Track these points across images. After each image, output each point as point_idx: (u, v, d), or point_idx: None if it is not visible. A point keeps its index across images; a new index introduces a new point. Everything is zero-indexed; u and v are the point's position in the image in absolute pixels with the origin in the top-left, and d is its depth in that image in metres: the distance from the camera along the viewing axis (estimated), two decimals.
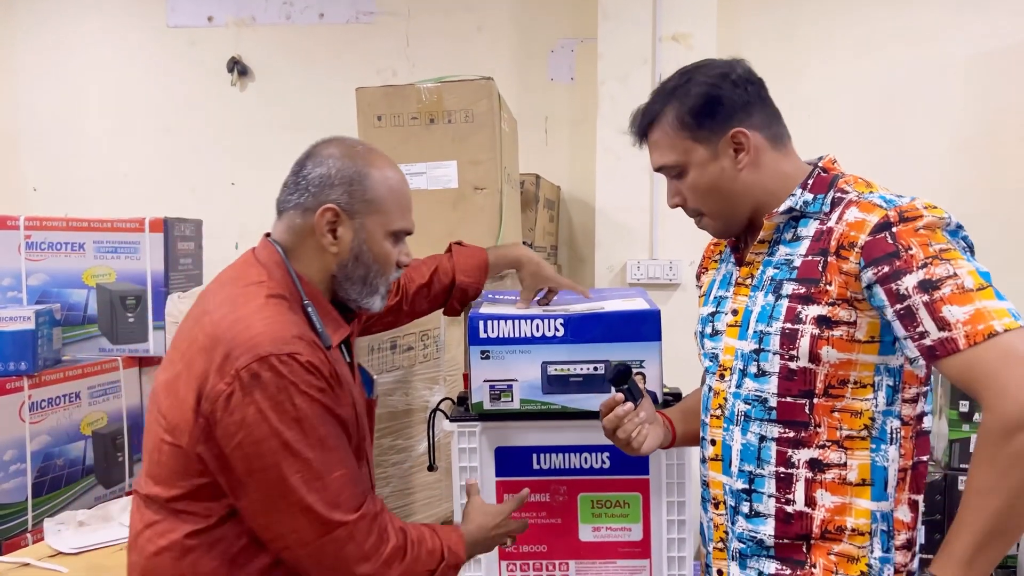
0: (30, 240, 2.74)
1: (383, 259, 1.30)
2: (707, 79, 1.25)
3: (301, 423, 1.15)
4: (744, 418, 1.27)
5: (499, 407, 1.52)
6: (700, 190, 1.28)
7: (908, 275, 1.12)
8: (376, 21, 3.42)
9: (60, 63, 3.66)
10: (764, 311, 1.25)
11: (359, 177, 1.27)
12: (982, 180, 2.89)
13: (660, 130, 1.28)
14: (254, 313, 1.18)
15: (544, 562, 1.58)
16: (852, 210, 1.20)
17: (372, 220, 1.27)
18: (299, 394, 1.14)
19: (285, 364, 1.13)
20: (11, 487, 2.37)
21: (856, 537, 1.21)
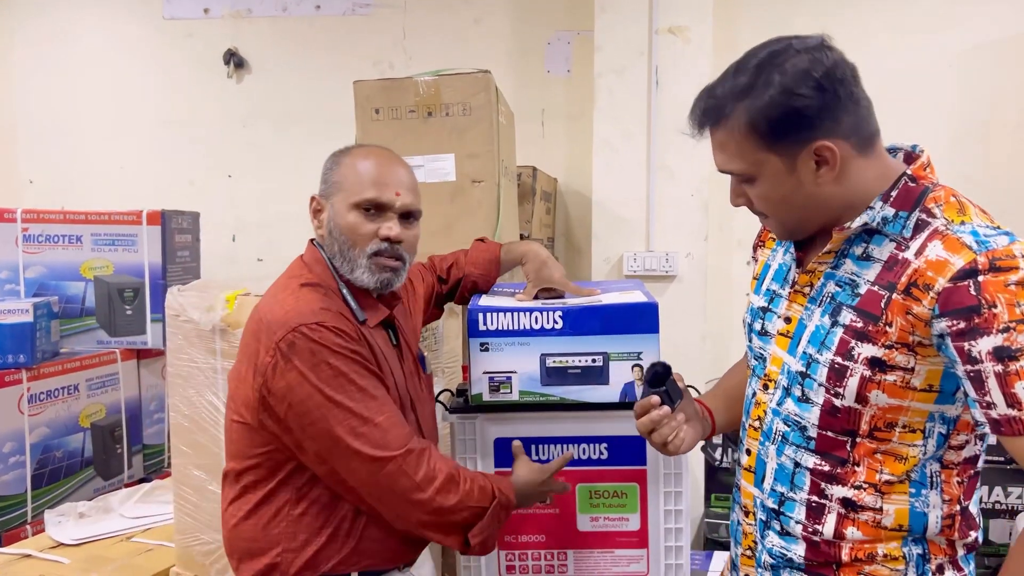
0: (27, 233, 2.74)
1: (348, 230, 1.38)
2: (786, 83, 1.05)
3: (338, 378, 1.28)
4: (781, 439, 1.20)
5: (498, 399, 1.52)
6: (771, 201, 1.14)
7: (985, 337, 1.00)
8: (373, 13, 3.41)
9: (56, 55, 3.65)
10: (817, 333, 1.14)
11: (332, 165, 1.44)
12: (976, 172, 2.91)
13: (727, 133, 1.10)
14: (287, 298, 1.35)
15: (543, 552, 1.59)
16: (935, 245, 1.05)
17: (338, 198, 1.40)
18: (332, 354, 1.29)
19: (314, 331, 1.28)
20: (10, 479, 2.39)
21: (889, 561, 1.14)
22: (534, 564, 1.60)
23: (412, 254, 1.46)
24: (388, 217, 1.39)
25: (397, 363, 1.44)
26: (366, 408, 1.30)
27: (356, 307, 1.38)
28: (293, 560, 1.34)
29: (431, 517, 1.33)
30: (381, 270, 1.39)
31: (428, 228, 1.99)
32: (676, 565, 1.59)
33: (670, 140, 2.93)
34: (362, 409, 1.29)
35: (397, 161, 1.46)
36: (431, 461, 1.33)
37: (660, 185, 2.95)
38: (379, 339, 1.41)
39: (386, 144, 1.99)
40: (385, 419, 1.31)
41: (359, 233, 1.38)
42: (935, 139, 2.94)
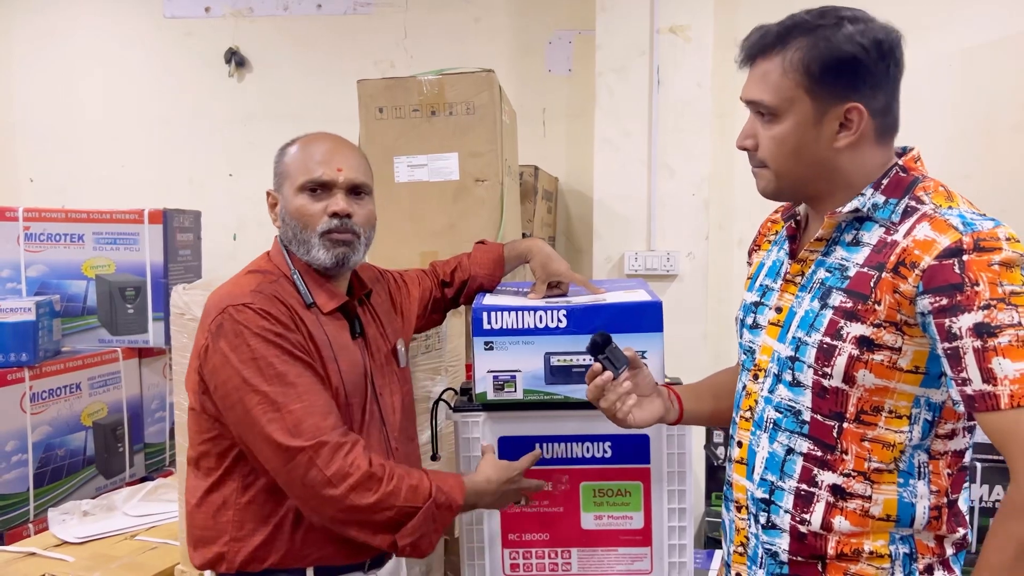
0: (29, 231, 2.74)
1: (296, 213, 1.40)
2: (859, 36, 1.08)
3: (256, 361, 1.28)
4: (773, 426, 1.20)
5: (503, 397, 1.53)
6: (783, 146, 1.14)
7: (966, 313, 1.01)
8: (374, 12, 3.41)
9: (56, 53, 3.65)
10: (807, 317, 1.16)
11: (279, 158, 1.46)
12: (975, 172, 2.91)
13: (776, 62, 1.12)
14: (228, 284, 1.40)
15: (547, 550, 1.60)
16: (923, 226, 1.07)
17: (285, 186, 1.42)
18: (252, 336, 1.29)
19: (240, 312, 1.30)
20: (12, 478, 2.39)
21: (875, 559, 1.14)
22: (538, 562, 1.61)
23: (368, 230, 1.45)
24: (334, 194, 1.40)
25: (356, 356, 1.43)
26: (282, 394, 1.27)
27: (305, 291, 1.39)
28: (239, 550, 1.33)
29: (346, 515, 1.29)
30: (335, 245, 1.39)
31: (432, 227, 2.00)
32: (680, 563, 1.59)
33: (671, 139, 2.94)
34: (277, 394, 1.27)
35: (342, 142, 1.47)
36: (349, 456, 1.27)
37: (661, 184, 2.96)
38: (331, 327, 1.40)
39: (390, 143, 2.01)
40: (302, 407, 1.28)
41: (307, 214, 1.39)
42: (934, 137, 2.95)
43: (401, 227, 2.00)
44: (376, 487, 1.27)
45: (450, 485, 1.36)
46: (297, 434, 1.26)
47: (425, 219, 1.98)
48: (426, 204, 1.99)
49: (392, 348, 1.54)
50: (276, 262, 1.44)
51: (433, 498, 1.32)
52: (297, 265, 1.42)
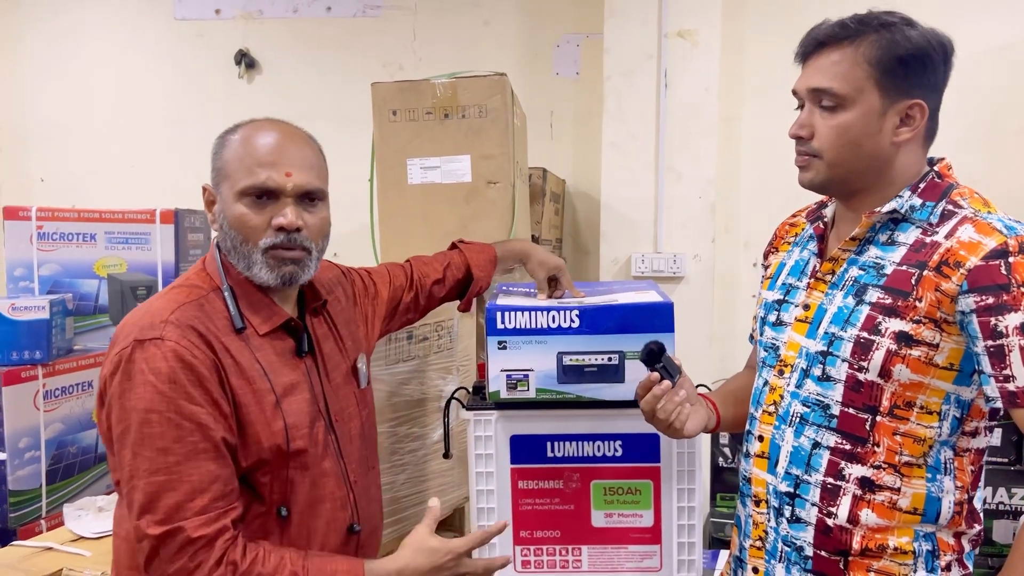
0: (42, 230, 2.77)
1: (237, 223, 1.20)
2: (931, 37, 1.15)
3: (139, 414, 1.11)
4: (800, 420, 1.22)
5: (515, 396, 1.55)
6: (844, 136, 1.16)
7: (1013, 313, 1.05)
8: (383, 15, 3.44)
9: (67, 54, 3.68)
10: (840, 313, 1.18)
11: (218, 147, 1.25)
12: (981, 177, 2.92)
13: (848, 53, 1.14)
14: (146, 305, 1.20)
15: (557, 547, 1.62)
16: (967, 228, 1.11)
17: (225, 187, 1.22)
18: (144, 384, 1.11)
19: (143, 350, 1.12)
20: (26, 474, 2.41)
21: (899, 555, 1.16)
22: (549, 559, 1.63)
23: (321, 240, 1.27)
24: (282, 203, 1.20)
25: (300, 376, 1.26)
26: (150, 460, 1.10)
27: (236, 313, 1.20)
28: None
29: None
30: (280, 264, 1.21)
31: (444, 228, 2.03)
32: (689, 561, 1.61)
33: (678, 142, 2.96)
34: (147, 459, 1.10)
35: (291, 136, 1.26)
36: (197, 557, 1.08)
37: (668, 187, 2.98)
38: (269, 351, 1.23)
39: (403, 145, 2.04)
40: (166, 480, 1.09)
41: (249, 226, 1.20)
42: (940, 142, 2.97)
43: (414, 228, 2.03)
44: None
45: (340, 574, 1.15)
46: (146, 511, 1.09)
47: (437, 220, 2.01)
48: (438, 206, 2.01)
49: (352, 366, 1.39)
50: (210, 271, 1.25)
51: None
52: (232, 278, 1.24)
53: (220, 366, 1.16)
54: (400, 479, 1.83)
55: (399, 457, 1.82)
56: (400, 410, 1.82)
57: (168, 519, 1.08)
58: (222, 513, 1.12)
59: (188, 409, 1.11)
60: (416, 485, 1.88)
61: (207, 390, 1.13)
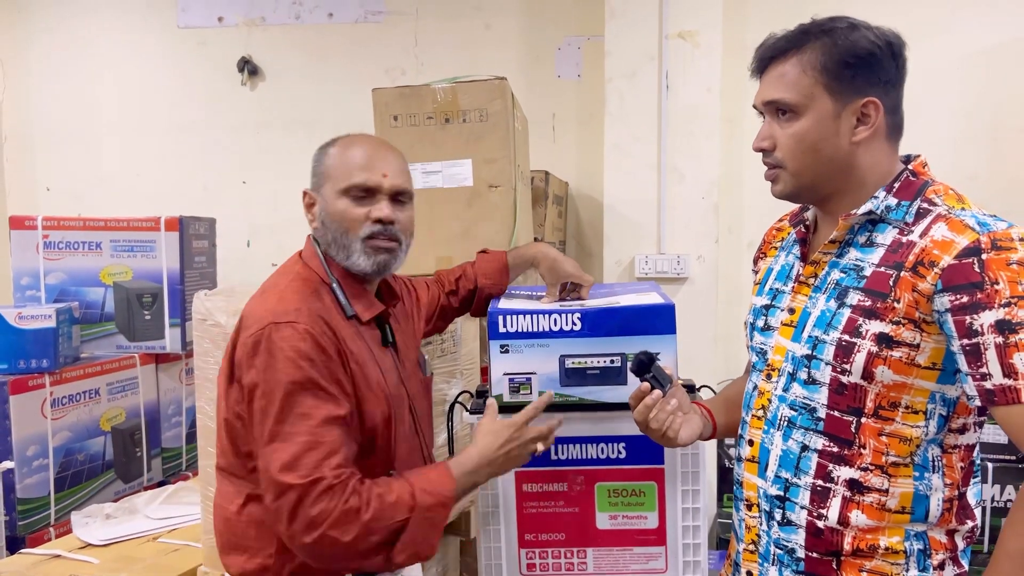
0: (48, 239, 2.78)
1: (339, 216, 1.38)
2: (873, 36, 1.15)
3: (280, 387, 1.25)
4: (788, 424, 1.23)
5: (518, 399, 1.55)
6: (803, 143, 1.18)
7: (987, 311, 1.05)
8: (385, 21, 3.45)
9: (72, 63, 3.71)
10: (823, 317, 1.19)
11: (319, 158, 1.44)
12: (981, 174, 2.93)
13: (794, 64, 1.17)
14: (271, 295, 1.35)
15: (563, 550, 1.62)
16: (940, 226, 1.11)
17: (326, 188, 1.40)
18: (284, 360, 1.26)
19: (279, 331, 1.27)
20: (34, 482, 2.42)
21: (890, 555, 1.17)
22: (554, 562, 1.63)
23: (408, 236, 1.45)
24: (378, 199, 1.39)
25: (390, 362, 1.43)
26: (291, 424, 1.25)
27: (346, 303, 1.37)
28: (284, 563, 1.32)
29: (332, 554, 1.25)
30: (376, 252, 1.38)
31: (446, 232, 2.03)
32: (694, 562, 1.61)
33: (681, 143, 2.97)
34: (288, 424, 1.24)
35: (384, 146, 1.46)
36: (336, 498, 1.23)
37: (671, 188, 2.98)
38: (369, 337, 1.40)
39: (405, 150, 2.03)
40: (306, 441, 1.24)
41: (350, 218, 1.37)
42: (941, 140, 2.97)
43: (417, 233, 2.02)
44: (355, 519, 1.23)
45: (434, 480, 1.32)
46: (293, 468, 1.23)
47: (440, 225, 2.01)
48: (441, 210, 2.02)
49: (419, 356, 1.56)
50: (312, 266, 1.41)
51: (417, 504, 1.28)
52: (335, 271, 1.40)
53: (342, 351, 1.32)
54: None
55: None
56: None
57: (310, 473, 1.22)
58: (352, 471, 1.28)
59: (323, 383, 1.27)
60: None
61: (334, 370, 1.29)
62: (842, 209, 1.21)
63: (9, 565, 1.73)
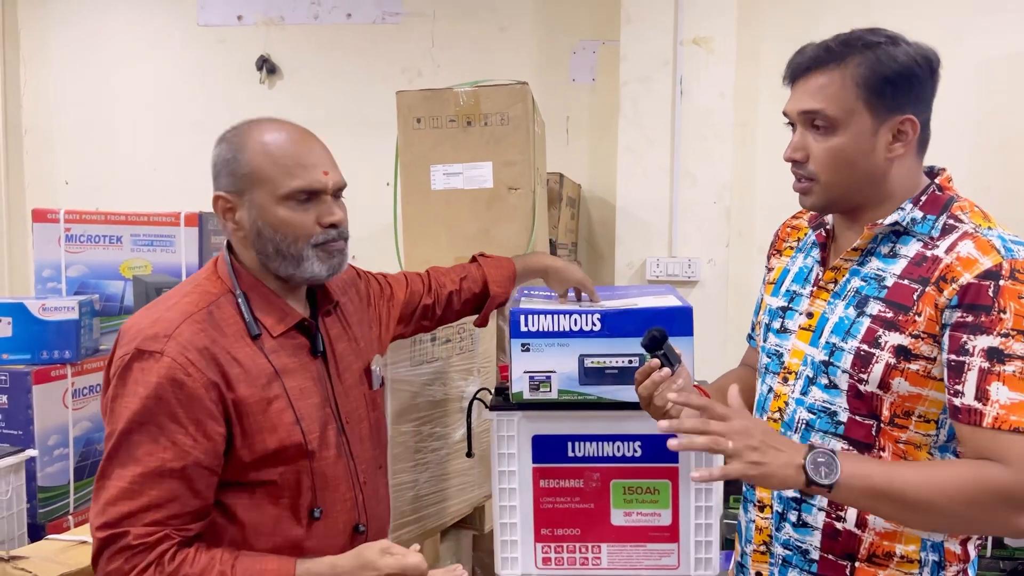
0: (69, 233, 2.83)
1: (284, 226, 1.24)
2: (915, 53, 1.15)
3: (119, 422, 1.15)
4: (806, 427, 1.23)
5: (538, 397, 1.59)
6: (839, 158, 1.17)
7: (985, 336, 1.08)
8: (402, 22, 3.49)
9: (92, 59, 3.75)
10: (841, 324, 1.20)
11: (234, 155, 1.26)
12: (995, 184, 2.96)
13: (833, 76, 1.15)
14: (156, 310, 1.23)
15: (578, 544, 1.66)
16: (967, 244, 1.13)
17: (259, 192, 1.24)
18: (132, 394, 1.15)
19: (141, 360, 1.16)
20: (55, 471, 2.47)
21: (904, 564, 1.18)
22: (569, 556, 1.67)
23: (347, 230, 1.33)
24: (323, 201, 1.26)
25: (311, 382, 1.29)
26: (121, 464, 1.14)
27: (250, 320, 1.24)
28: None
29: None
30: (330, 256, 1.28)
31: (465, 233, 2.08)
32: (706, 559, 1.65)
33: (694, 147, 3.00)
34: (117, 463, 1.14)
35: (309, 136, 1.31)
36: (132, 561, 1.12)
37: (683, 192, 3.02)
38: (283, 352, 1.26)
39: (426, 152, 2.09)
40: (127, 488, 1.13)
41: (297, 226, 1.24)
42: (956, 150, 2.99)
43: (436, 233, 2.08)
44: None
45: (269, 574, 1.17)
46: (103, 514, 1.14)
47: (460, 225, 2.05)
48: (461, 211, 2.06)
49: (366, 367, 1.42)
50: (222, 275, 1.28)
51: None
52: (245, 283, 1.27)
53: (222, 381, 1.19)
54: (423, 477, 1.87)
55: (422, 456, 1.86)
56: (423, 410, 1.87)
57: (116, 523, 1.13)
58: (173, 530, 1.15)
59: (168, 426, 1.15)
60: (437, 483, 1.92)
61: (192, 410, 1.16)
62: (867, 219, 1.22)
63: (38, 550, 1.77)
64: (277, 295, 1.29)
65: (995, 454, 1.07)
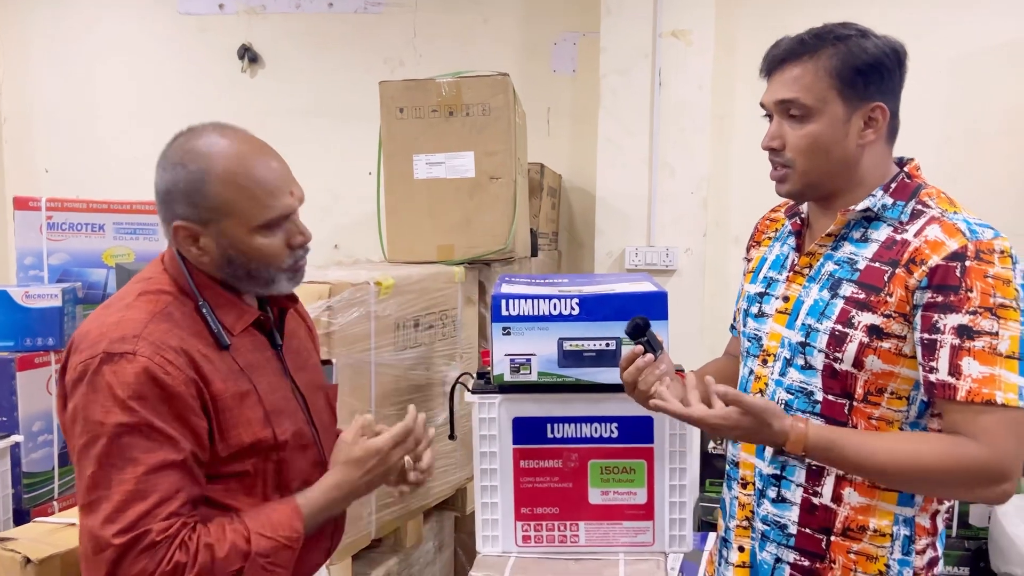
0: (51, 221, 2.83)
1: (258, 254, 1.22)
2: (883, 44, 1.22)
3: (101, 430, 1.12)
4: (785, 407, 1.28)
5: (518, 379, 1.63)
6: (814, 144, 1.24)
7: (954, 314, 1.14)
8: (384, 12, 3.51)
9: (73, 46, 3.74)
10: (816, 306, 1.26)
11: (197, 186, 1.19)
12: (962, 175, 3.04)
13: (808, 67, 1.22)
14: (113, 312, 1.19)
15: (557, 522, 1.70)
16: (934, 228, 1.19)
17: (228, 224, 1.20)
18: (112, 399, 1.11)
19: (113, 364, 1.12)
20: (39, 457, 2.48)
21: (877, 538, 1.24)
22: (548, 534, 1.71)
23: None
24: (292, 221, 1.25)
25: (275, 374, 1.30)
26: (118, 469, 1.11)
27: (218, 329, 1.22)
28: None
29: None
30: (297, 273, 1.29)
31: (448, 221, 2.11)
32: (680, 536, 1.71)
33: (672, 139, 3.06)
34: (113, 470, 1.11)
35: (269, 151, 1.25)
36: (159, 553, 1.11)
37: (661, 182, 3.07)
38: (245, 347, 1.26)
39: (409, 142, 2.12)
40: (133, 490, 1.11)
41: (271, 253, 1.23)
42: (925, 140, 3.07)
43: (419, 221, 2.11)
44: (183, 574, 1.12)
45: (277, 522, 1.21)
46: (114, 521, 1.10)
47: (442, 214, 2.09)
48: (443, 200, 2.10)
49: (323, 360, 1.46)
50: (173, 274, 1.24)
51: (252, 551, 1.17)
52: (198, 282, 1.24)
53: (199, 377, 1.18)
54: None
55: None
56: (406, 394, 1.91)
57: (134, 526, 1.10)
58: (187, 517, 1.16)
59: (158, 424, 1.13)
60: None
61: (175, 406, 1.15)
62: (840, 205, 1.28)
63: (26, 532, 1.79)
64: (232, 293, 1.28)
65: (968, 429, 1.14)
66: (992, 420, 1.13)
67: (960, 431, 1.15)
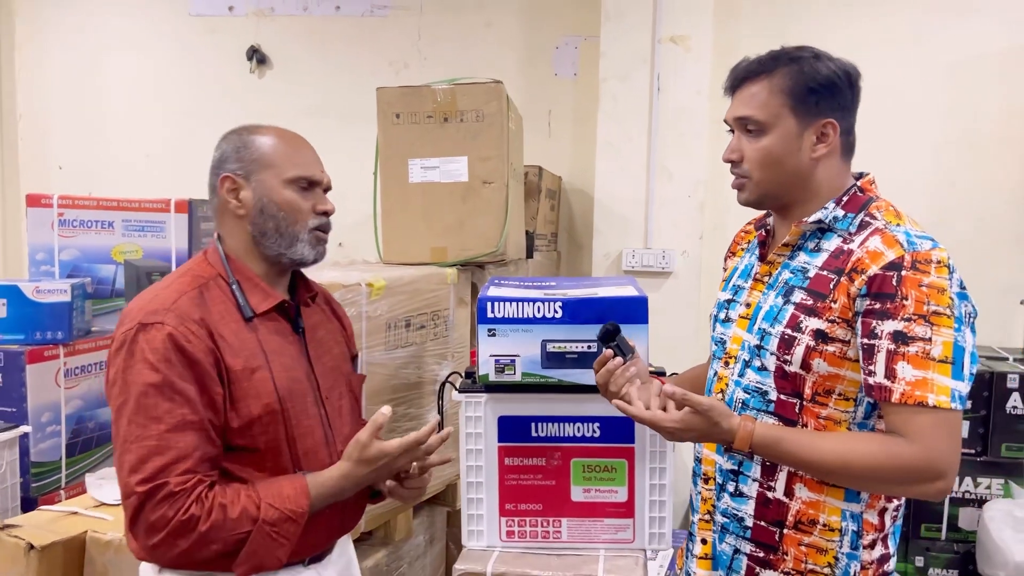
0: (63, 217, 2.91)
1: (288, 206, 1.39)
2: (836, 66, 1.30)
3: (135, 387, 1.26)
4: (742, 406, 1.37)
5: (503, 379, 1.68)
6: (768, 157, 1.32)
7: (890, 321, 1.20)
8: (390, 15, 3.57)
9: (86, 47, 3.82)
10: (771, 311, 1.34)
11: (244, 144, 1.41)
12: (960, 180, 3.06)
13: (764, 85, 1.31)
14: (152, 292, 1.36)
15: (540, 519, 1.75)
16: (875, 239, 1.26)
17: (266, 174, 1.39)
18: (142, 362, 1.26)
19: (146, 332, 1.28)
20: (47, 447, 2.56)
21: (827, 532, 1.31)
22: (532, 530, 1.76)
23: None
24: (318, 193, 1.44)
25: (292, 358, 1.41)
26: (143, 426, 1.25)
27: (244, 303, 1.37)
28: None
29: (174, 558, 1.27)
30: (319, 243, 1.43)
31: (443, 224, 2.17)
32: (660, 534, 1.75)
33: (670, 143, 3.10)
34: (139, 426, 1.25)
35: (308, 142, 1.48)
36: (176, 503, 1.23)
37: (659, 186, 3.12)
38: (265, 330, 1.39)
39: (405, 147, 2.18)
40: (155, 445, 1.24)
41: (300, 209, 1.40)
42: (923, 146, 3.10)
43: (414, 224, 2.17)
44: (192, 529, 1.24)
45: (286, 496, 1.32)
46: (138, 471, 1.23)
47: (436, 217, 2.14)
48: (438, 203, 2.15)
49: (352, 354, 1.57)
50: (212, 262, 1.41)
51: (261, 518, 1.28)
52: (234, 268, 1.40)
53: (216, 348, 1.31)
54: None
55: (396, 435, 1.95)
56: (398, 392, 1.96)
57: (154, 477, 1.23)
58: (203, 475, 1.28)
59: (180, 385, 1.27)
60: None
61: (197, 372, 1.29)
62: (798, 217, 1.36)
63: (31, 519, 1.87)
64: (261, 279, 1.42)
65: (904, 429, 1.21)
66: (925, 421, 1.19)
67: (897, 431, 1.22)
